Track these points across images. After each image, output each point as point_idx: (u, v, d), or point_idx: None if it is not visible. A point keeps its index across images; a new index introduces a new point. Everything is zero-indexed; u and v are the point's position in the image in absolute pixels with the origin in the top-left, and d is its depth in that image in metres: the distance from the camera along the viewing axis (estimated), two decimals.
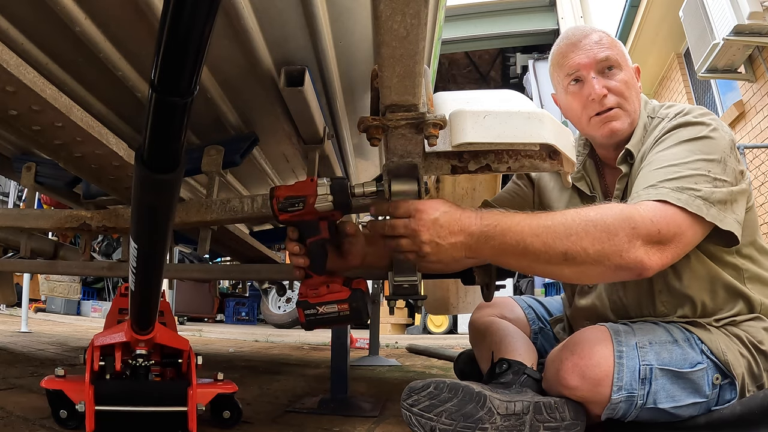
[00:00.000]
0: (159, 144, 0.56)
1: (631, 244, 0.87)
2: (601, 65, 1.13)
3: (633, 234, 0.88)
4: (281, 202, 0.96)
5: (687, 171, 0.97)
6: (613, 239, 0.87)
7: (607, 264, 0.88)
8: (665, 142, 1.05)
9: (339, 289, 0.96)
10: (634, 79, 1.16)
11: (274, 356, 2.97)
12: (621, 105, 1.13)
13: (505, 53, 7.48)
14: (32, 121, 0.89)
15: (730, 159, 1.01)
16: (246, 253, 2.08)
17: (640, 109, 1.17)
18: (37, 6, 0.94)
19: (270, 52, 1.16)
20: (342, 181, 0.95)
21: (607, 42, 1.15)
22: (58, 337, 3.26)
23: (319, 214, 0.96)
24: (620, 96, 1.12)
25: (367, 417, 1.32)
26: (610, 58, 1.13)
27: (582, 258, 0.87)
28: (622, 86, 1.12)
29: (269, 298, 6.81)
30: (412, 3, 0.53)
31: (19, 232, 1.72)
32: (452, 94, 0.95)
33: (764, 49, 4.36)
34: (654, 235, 0.89)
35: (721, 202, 0.96)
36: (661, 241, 0.90)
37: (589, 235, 0.87)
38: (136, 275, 0.78)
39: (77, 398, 0.94)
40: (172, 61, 0.48)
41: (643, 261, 0.88)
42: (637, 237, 0.88)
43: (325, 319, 0.96)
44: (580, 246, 0.87)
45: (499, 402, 0.96)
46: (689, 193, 0.93)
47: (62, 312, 6.61)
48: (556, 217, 0.90)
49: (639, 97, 1.17)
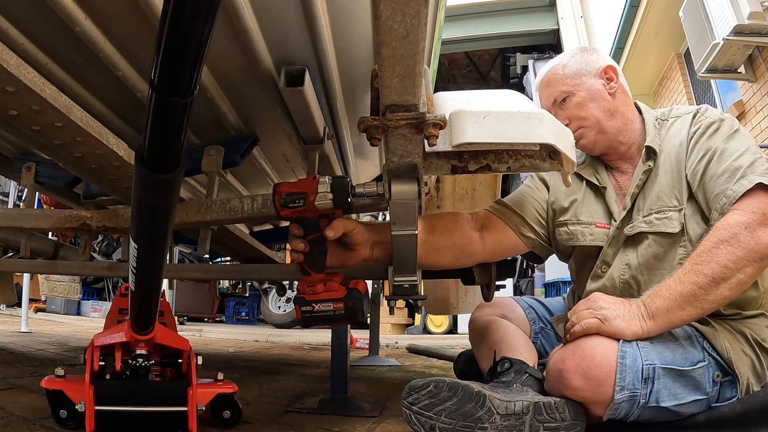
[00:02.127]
0: (159, 144, 0.56)
1: (753, 236, 0.97)
2: (556, 105, 1.27)
3: (748, 229, 0.97)
4: (283, 198, 0.97)
5: (751, 157, 1.06)
6: (739, 244, 0.97)
7: (748, 264, 0.96)
8: (714, 138, 1.13)
9: (336, 288, 0.96)
10: (590, 93, 1.24)
11: (274, 356, 2.97)
12: (581, 125, 1.23)
13: (505, 53, 7.48)
14: (32, 121, 0.89)
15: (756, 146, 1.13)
16: (246, 253, 2.08)
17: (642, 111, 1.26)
18: (37, 6, 0.94)
19: (270, 52, 1.16)
20: (343, 180, 0.95)
21: (555, 79, 1.27)
22: (58, 337, 3.26)
23: (319, 212, 0.96)
24: (578, 119, 1.24)
25: (367, 417, 1.32)
26: (558, 95, 1.26)
27: (729, 274, 0.96)
28: (575, 110, 1.24)
29: (269, 298, 6.81)
30: (412, 3, 0.53)
31: (19, 232, 1.72)
32: (452, 94, 0.95)
33: (764, 49, 4.36)
34: (762, 218, 0.99)
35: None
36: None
37: (722, 256, 0.97)
38: (136, 275, 0.78)
39: (77, 398, 0.95)
40: (172, 61, 0.48)
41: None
42: (754, 228, 0.97)
43: (321, 317, 0.96)
44: (724, 267, 0.97)
45: (499, 401, 0.96)
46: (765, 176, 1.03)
47: (62, 312, 6.60)
48: (696, 265, 0.99)
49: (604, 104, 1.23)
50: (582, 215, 1.25)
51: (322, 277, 0.98)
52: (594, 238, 1.22)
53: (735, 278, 0.96)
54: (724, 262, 0.96)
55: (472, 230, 1.24)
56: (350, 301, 0.95)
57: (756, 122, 4.65)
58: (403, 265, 1.04)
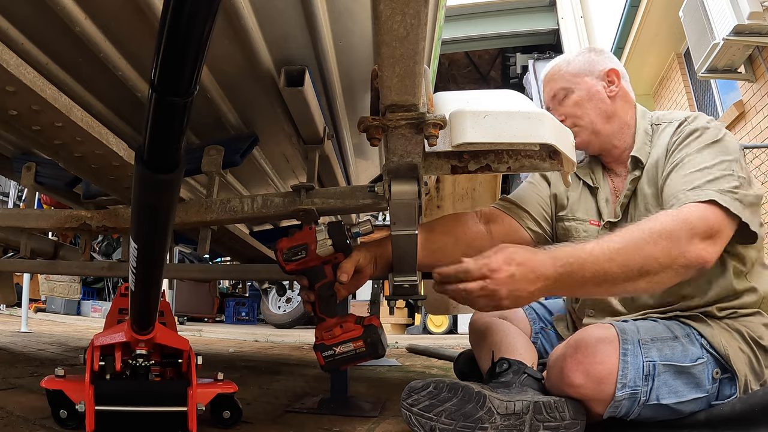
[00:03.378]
0: (159, 144, 0.56)
1: (692, 243, 0.95)
2: (555, 99, 1.29)
3: (691, 234, 0.96)
4: (285, 253, 1.01)
5: (718, 173, 1.04)
6: (677, 242, 0.94)
7: (676, 266, 0.94)
8: (690, 146, 1.11)
9: (352, 328, 1.00)
10: (589, 94, 1.25)
11: (274, 356, 2.97)
12: (576, 123, 1.25)
13: (505, 53, 7.47)
14: (32, 121, 0.89)
15: (743, 160, 1.10)
16: (246, 253, 2.08)
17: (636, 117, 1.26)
18: (37, 6, 0.94)
19: (270, 52, 1.16)
20: (338, 225, 1.01)
21: (558, 75, 1.29)
22: (58, 337, 3.26)
23: (323, 259, 1.01)
24: (573, 117, 1.25)
25: (367, 417, 1.32)
26: (558, 91, 1.28)
27: (656, 268, 0.93)
28: (572, 108, 1.26)
29: (269, 298, 6.81)
30: (412, 3, 0.53)
31: (19, 232, 1.71)
32: (452, 94, 0.95)
33: (764, 49, 4.36)
34: (708, 231, 0.98)
35: (752, 206, 1.04)
36: (712, 236, 0.98)
37: (657, 246, 0.94)
38: (136, 275, 0.78)
39: (77, 398, 0.94)
40: (172, 61, 0.48)
41: (703, 255, 0.96)
42: (695, 235, 0.96)
43: (344, 358, 0.99)
44: (653, 257, 0.93)
45: (499, 402, 0.96)
46: (730, 196, 1.01)
47: (62, 312, 6.60)
48: (623, 237, 0.96)
49: (602, 105, 1.24)
50: (578, 212, 1.28)
51: (336, 320, 1.01)
52: (587, 235, 1.24)
53: (657, 277, 0.94)
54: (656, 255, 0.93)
55: (478, 224, 1.25)
56: (369, 337, 0.99)
57: (756, 122, 4.65)
58: (403, 265, 1.04)
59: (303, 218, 1.24)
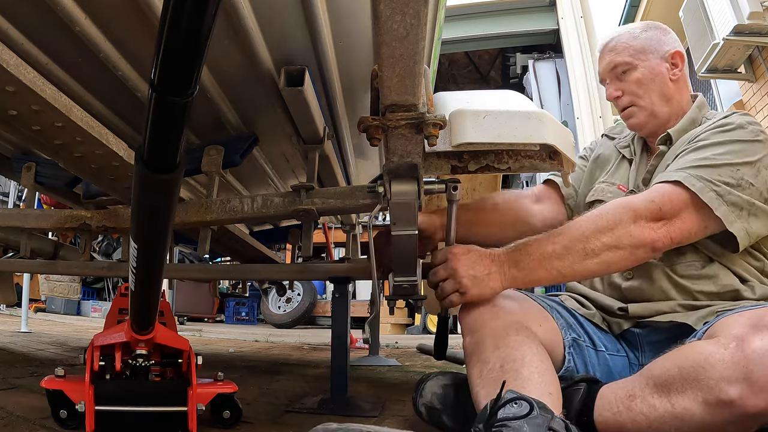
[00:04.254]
0: (159, 144, 0.56)
1: (637, 224, 0.94)
2: (615, 72, 1.21)
3: (635, 215, 0.95)
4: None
5: (714, 161, 1.00)
6: (619, 224, 0.94)
7: (622, 247, 0.94)
8: (715, 136, 1.06)
9: None
10: (653, 74, 1.18)
11: (274, 356, 2.97)
12: (635, 103, 1.19)
13: (505, 53, 7.47)
14: (32, 121, 0.89)
15: (766, 170, 1.01)
16: (246, 253, 2.08)
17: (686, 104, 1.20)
18: (37, 6, 0.94)
19: (270, 52, 1.16)
20: None
21: (621, 46, 1.20)
22: (58, 337, 3.26)
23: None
24: (633, 95, 1.19)
25: (367, 417, 1.32)
26: (620, 63, 1.19)
27: (599, 248, 0.94)
28: (633, 86, 1.19)
29: (269, 298, 6.80)
30: (412, 3, 0.53)
31: (19, 232, 1.71)
32: (452, 94, 0.95)
33: (764, 49, 4.36)
34: (655, 212, 0.95)
35: (735, 205, 0.97)
36: (665, 217, 0.96)
37: (598, 227, 0.95)
38: (136, 275, 0.78)
39: (77, 398, 0.94)
40: (172, 61, 0.47)
41: (650, 235, 0.94)
42: (640, 217, 0.95)
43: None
44: (595, 237, 0.94)
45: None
46: (705, 183, 0.97)
47: (62, 312, 6.60)
48: (568, 224, 0.98)
49: (664, 88, 1.18)
50: (614, 177, 1.26)
51: None
52: (613, 197, 1.17)
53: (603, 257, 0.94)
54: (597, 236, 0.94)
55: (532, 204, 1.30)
56: None
57: None
58: (403, 265, 1.04)
59: (303, 218, 1.24)
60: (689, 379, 0.77)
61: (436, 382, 1.09)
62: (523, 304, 1.04)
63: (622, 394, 0.85)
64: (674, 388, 0.78)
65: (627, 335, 1.12)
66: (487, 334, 0.94)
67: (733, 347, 0.76)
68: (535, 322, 0.99)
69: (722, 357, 0.76)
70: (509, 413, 0.72)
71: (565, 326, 1.07)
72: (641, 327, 1.10)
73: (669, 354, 0.84)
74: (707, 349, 0.79)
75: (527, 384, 0.81)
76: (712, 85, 5.52)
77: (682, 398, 0.77)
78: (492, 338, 0.92)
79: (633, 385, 0.85)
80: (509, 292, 1.05)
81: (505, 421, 0.72)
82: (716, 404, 0.74)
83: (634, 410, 0.82)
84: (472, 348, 0.96)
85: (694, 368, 0.77)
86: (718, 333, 0.83)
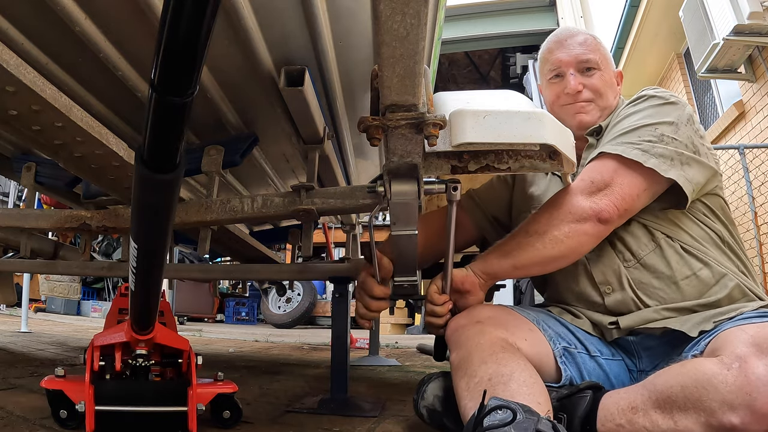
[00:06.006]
0: (159, 144, 0.56)
1: (575, 201, 1.00)
2: (581, 65, 1.22)
3: (571, 194, 1.01)
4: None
5: (631, 127, 1.05)
6: (560, 207, 1.01)
7: (568, 222, 0.99)
8: (632, 109, 1.12)
9: None
10: (613, 81, 1.24)
11: (274, 356, 2.97)
12: (594, 101, 1.21)
13: (505, 53, 7.47)
14: (32, 121, 0.89)
15: (685, 127, 1.05)
16: (246, 253, 2.08)
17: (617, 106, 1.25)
18: (37, 6, 0.95)
19: (270, 52, 1.16)
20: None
21: (592, 45, 1.23)
22: (58, 337, 3.26)
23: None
24: (595, 92, 1.21)
25: (367, 417, 1.32)
26: (591, 60, 1.21)
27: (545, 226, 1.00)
28: (598, 83, 1.21)
29: (269, 298, 6.80)
30: (412, 3, 0.53)
31: (19, 232, 1.72)
32: (452, 94, 0.95)
33: (764, 49, 4.36)
34: (588, 186, 1.01)
35: (663, 156, 1.00)
36: (600, 188, 1.00)
37: (543, 214, 1.02)
38: (136, 275, 0.78)
39: (77, 398, 0.94)
40: (172, 61, 0.47)
41: (590, 205, 0.99)
42: (576, 194, 1.01)
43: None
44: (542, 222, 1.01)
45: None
46: (628, 145, 1.01)
47: (62, 312, 6.60)
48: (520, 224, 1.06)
49: (616, 98, 1.25)
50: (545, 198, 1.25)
51: None
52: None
53: (555, 238, 0.99)
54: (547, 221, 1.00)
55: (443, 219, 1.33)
56: None
57: (756, 122, 4.65)
58: (403, 265, 1.04)
59: (303, 218, 1.23)
60: (692, 398, 0.76)
61: (437, 384, 1.07)
62: (508, 318, 1.03)
63: (624, 406, 0.84)
64: (677, 406, 0.77)
65: (621, 342, 1.09)
66: (474, 349, 0.93)
67: (736, 369, 0.75)
68: (520, 338, 0.98)
69: (725, 379, 0.74)
70: (495, 420, 0.72)
71: (555, 336, 1.05)
72: (635, 334, 1.07)
73: (672, 368, 0.83)
74: (711, 369, 0.77)
75: (516, 396, 0.80)
76: (712, 85, 5.52)
77: (685, 418, 0.76)
78: (478, 353, 0.91)
79: (635, 397, 0.83)
80: (494, 306, 1.09)
81: (491, 428, 0.71)
82: (718, 428, 0.73)
83: (637, 424, 0.81)
84: (459, 362, 0.94)
85: (697, 388, 0.76)
86: (721, 350, 0.81)
